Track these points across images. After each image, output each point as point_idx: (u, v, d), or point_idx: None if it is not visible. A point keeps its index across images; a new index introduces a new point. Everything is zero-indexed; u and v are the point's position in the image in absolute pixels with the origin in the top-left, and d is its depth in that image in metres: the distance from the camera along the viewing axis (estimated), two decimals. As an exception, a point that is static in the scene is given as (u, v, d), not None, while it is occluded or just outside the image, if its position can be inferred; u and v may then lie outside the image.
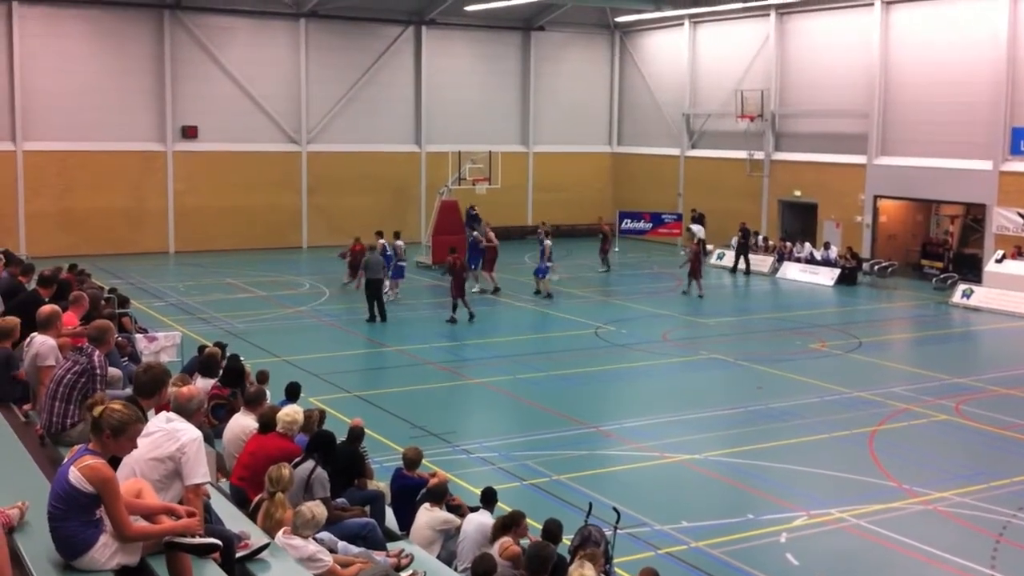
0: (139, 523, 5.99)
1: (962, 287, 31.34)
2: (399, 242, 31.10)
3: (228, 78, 40.24)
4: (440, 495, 10.83)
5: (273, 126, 41.34)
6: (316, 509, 8.53)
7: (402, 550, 9.62)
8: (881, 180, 36.29)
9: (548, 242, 32.03)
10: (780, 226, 40.38)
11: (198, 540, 6.05)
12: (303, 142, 41.81)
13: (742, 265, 37.22)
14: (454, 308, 26.90)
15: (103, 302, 15.65)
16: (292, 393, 14.01)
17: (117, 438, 5.86)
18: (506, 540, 9.78)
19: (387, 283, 29.10)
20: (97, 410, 5.86)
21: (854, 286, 34.30)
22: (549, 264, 31.53)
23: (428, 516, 10.61)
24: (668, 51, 45.51)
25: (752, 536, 13.26)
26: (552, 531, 9.97)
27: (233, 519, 7.81)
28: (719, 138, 43.08)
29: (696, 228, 40.23)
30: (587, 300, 31.07)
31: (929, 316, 30.23)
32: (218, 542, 6.20)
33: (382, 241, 30.41)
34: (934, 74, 34.26)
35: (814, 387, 20.90)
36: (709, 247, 39.56)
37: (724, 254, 38.85)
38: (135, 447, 6.11)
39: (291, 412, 10.41)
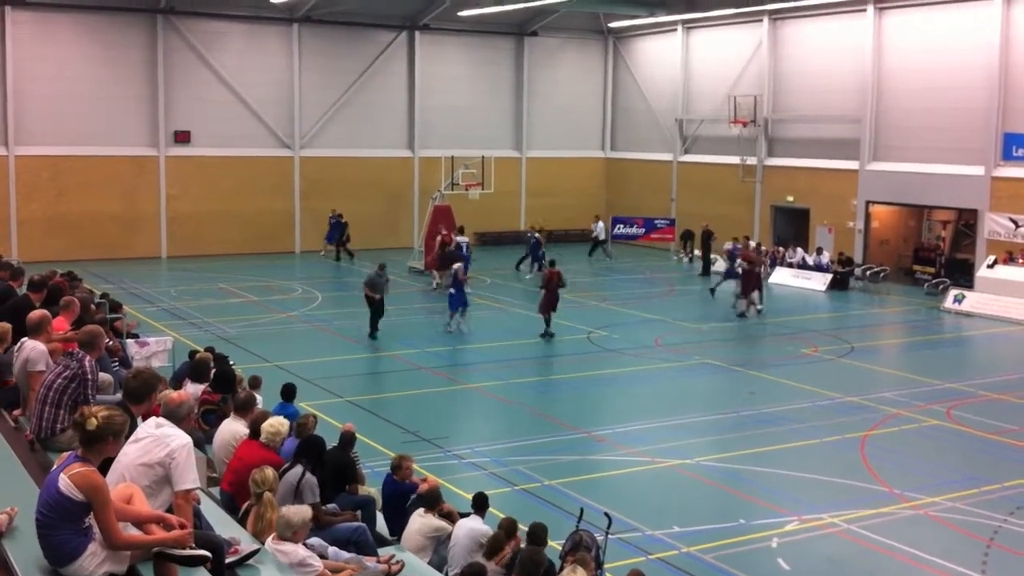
0: (129, 532, 5.98)
1: (954, 292, 31.41)
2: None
3: (221, 83, 40.23)
4: (433, 501, 10.82)
5: (266, 131, 41.34)
6: (300, 509, 8.45)
7: (392, 556, 9.61)
8: (873, 185, 36.38)
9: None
10: (773, 231, 40.46)
11: (188, 552, 6.03)
12: (296, 147, 41.81)
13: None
14: (548, 323, 25.88)
15: (94, 307, 15.61)
16: (288, 394, 14.00)
17: (117, 440, 6.05)
18: (505, 550, 9.79)
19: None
20: (92, 423, 5.86)
21: (846, 291, 34.35)
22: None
23: (420, 522, 10.60)
24: (661, 56, 45.58)
25: (743, 541, 13.27)
26: (537, 535, 9.96)
27: (223, 525, 7.80)
28: (712, 143, 43.15)
29: (599, 226, 41.30)
30: (579, 305, 31.04)
31: (921, 321, 30.28)
32: (208, 554, 6.18)
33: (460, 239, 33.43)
34: (926, 80, 34.36)
35: (806, 392, 20.93)
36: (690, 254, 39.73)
37: (716, 260, 38.83)
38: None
39: (275, 423, 10.18)
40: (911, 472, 16.17)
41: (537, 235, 37.39)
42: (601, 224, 41.59)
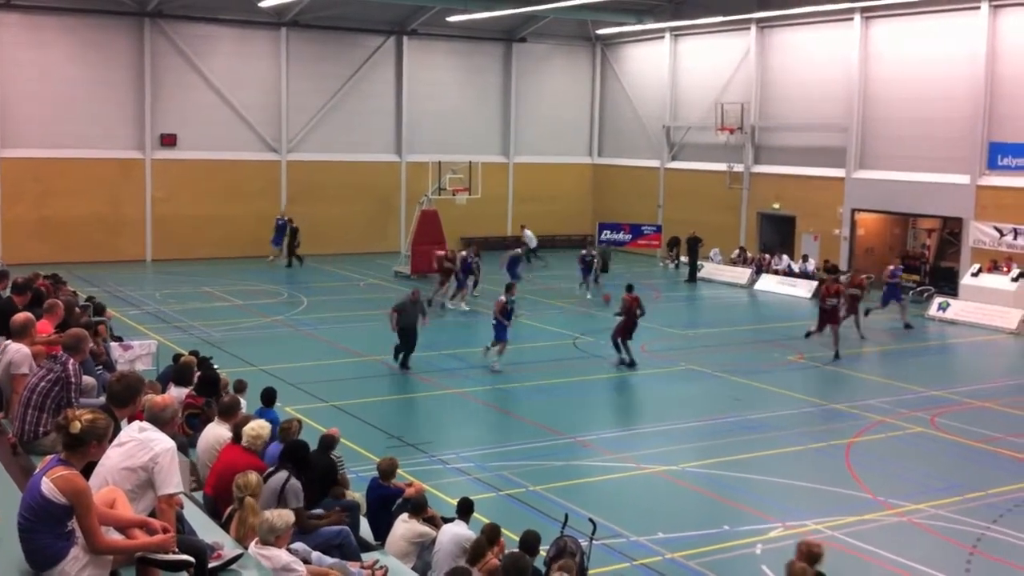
0: (111, 536, 5.94)
1: (938, 300, 31.56)
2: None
3: (208, 87, 40.14)
4: (420, 507, 10.80)
5: (253, 135, 41.26)
6: (283, 513, 8.42)
7: (376, 561, 9.59)
8: (859, 193, 36.51)
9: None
10: (759, 238, 40.56)
11: (170, 557, 6.00)
12: (283, 151, 41.73)
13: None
14: (618, 348, 23.95)
15: (78, 310, 15.54)
16: (268, 399, 13.95)
17: (100, 444, 6.00)
18: (488, 556, 9.77)
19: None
20: (76, 426, 5.83)
21: (832, 298, 34.35)
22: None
23: (404, 528, 10.58)
24: (649, 64, 45.68)
25: (727, 547, 13.29)
26: (530, 542, 9.96)
27: (207, 529, 7.77)
28: (699, 150, 43.25)
29: (528, 234, 41.58)
30: (565, 311, 31.09)
31: (905, 329, 30.34)
32: (191, 559, 6.15)
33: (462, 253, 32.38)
34: (913, 88, 34.52)
35: (791, 399, 20.98)
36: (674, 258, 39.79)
37: (702, 265, 38.94)
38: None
39: (256, 427, 10.01)
40: (895, 479, 16.22)
41: (594, 253, 35.11)
42: (529, 232, 41.76)
